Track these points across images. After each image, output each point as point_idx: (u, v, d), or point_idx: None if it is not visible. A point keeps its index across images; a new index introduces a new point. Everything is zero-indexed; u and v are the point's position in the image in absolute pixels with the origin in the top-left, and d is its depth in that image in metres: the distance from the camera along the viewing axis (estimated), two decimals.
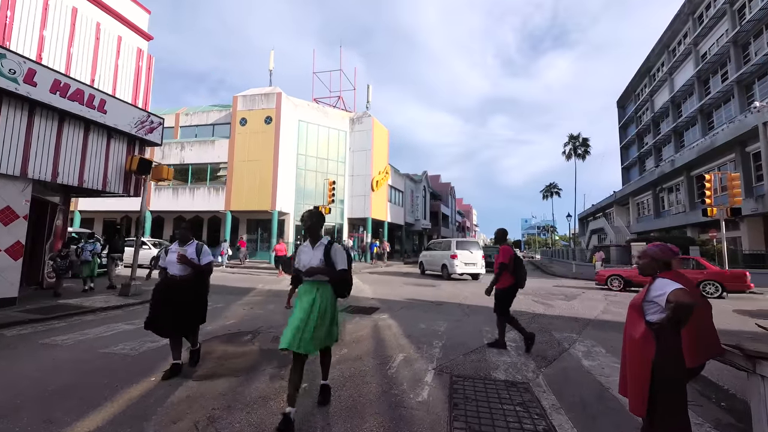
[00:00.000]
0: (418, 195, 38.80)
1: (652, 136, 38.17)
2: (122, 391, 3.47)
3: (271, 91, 23.38)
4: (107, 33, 8.85)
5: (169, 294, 3.94)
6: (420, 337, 5.77)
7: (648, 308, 2.42)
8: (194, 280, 4.05)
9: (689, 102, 31.55)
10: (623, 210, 38.53)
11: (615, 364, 4.66)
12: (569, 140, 43.57)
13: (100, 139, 8.51)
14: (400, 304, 9.05)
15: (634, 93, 44.57)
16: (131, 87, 9.49)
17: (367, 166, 26.89)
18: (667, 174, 26.35)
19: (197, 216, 26.19)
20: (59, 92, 7.39)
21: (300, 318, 2.98)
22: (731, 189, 14.56)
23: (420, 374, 4.15)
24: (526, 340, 5.23)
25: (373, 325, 6.70)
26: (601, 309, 9.16)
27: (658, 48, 36.37)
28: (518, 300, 10.20)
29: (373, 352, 4.99)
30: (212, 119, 25.81)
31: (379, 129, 28.46)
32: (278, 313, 7.51)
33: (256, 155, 22.72)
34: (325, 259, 3.10)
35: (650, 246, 2.67)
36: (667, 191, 28.24)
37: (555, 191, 57.44)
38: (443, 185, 55.58)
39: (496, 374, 4.22)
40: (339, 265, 3.11)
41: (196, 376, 3.91)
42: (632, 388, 2.41)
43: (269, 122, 22.85)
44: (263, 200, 22.25)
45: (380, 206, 28.26)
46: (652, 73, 39.64)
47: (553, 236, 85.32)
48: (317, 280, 3.11)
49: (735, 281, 11.44)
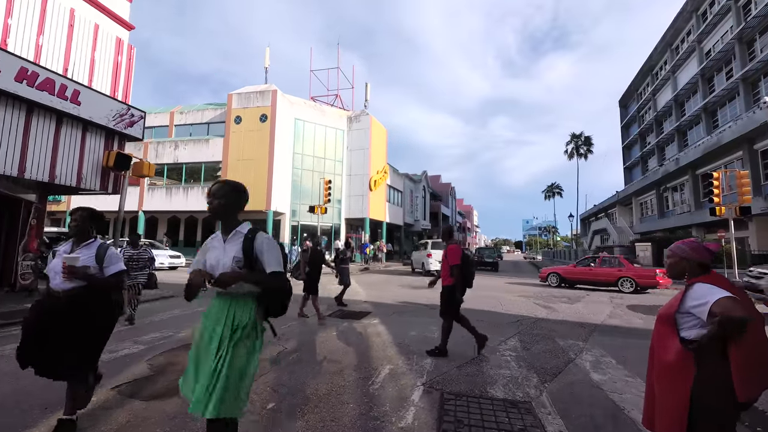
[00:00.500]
0: (417, 195, 38.29)
1: (655, 135, 37.62)
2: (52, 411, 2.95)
3: (266, 89, 22.92)
4: (82, 20, 8.35)
5: (46, 316, 2.60)
6: (410, 346, 5.25)
7: (683, 321, 1.89)
8: (88, 297, 2.64)
9: (693, 100, 31.00)
10: (626, 210, 37.97)
11: (628, 378, 4.14)
12: (571, 139, 42.99)
13: (73, 132, 8.00)
14: (393, 308, 8.53)
15: (636, 92, 44.02)
16: (110, 78, 8.99)
17: (365, 165, 26.39)
18: (671, 173, 25.80)
19: (192, 216, 25.73)
20: (26, 81, 6.89)
21: (193, 358, 2.04)
22: (740, 187, 13.99)
23: (406, 391, 3.63)
24: (478, 341, 4.90)
25: (361, 331, 6.18)
26: (608, 313, 8.62)
27: (661, 46, 35.83)
28: (519, 303, 9.72)
29: (357, 364, 4.47)
30: (207, 118, 25.38)
31: (378, 128, 27.98)
32: None
33: (251, 154, 22.25)
34: (245, 258, 2.01)
35: (678, 243, 2.14)
36: (672, 191, 27.68)
37: (557, 191, 56.83)
38: (443, 185, 55.06)
39: (493, 391, 3.69)
40: (269, 265, 2.02)
41: (145, 396, 3.39)
42: (663, 424, 1.89)
43: (264, 120, 22.38)
44: (258, 200, 21.73)
45: (378, 206, 27.75)
46: (655, 71, 39.08)
47: (554, 237, 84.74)
48: (232, 293, 2.03)
49: (647, 278, 12.79)
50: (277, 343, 5.25)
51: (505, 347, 5.38)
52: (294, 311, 7.58)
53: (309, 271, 7.16)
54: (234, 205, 2.12)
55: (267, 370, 4.11)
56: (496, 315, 7.96)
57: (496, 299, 10.35)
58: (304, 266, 7.23)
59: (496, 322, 7.24)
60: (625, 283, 13.00)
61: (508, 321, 7.34)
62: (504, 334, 6.16)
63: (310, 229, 23.89)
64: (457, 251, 4.91)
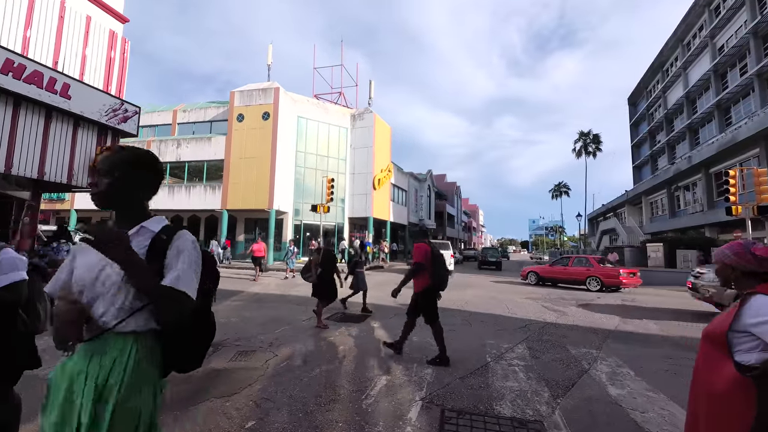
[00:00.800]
0: (422, 194, 37.87)
1: (665, 133, 36.82)
2: None
3: (269, 86, 22.65)
4: (73, 12, 8.08)
5: None
6: (410, 353, 4.88)
7: (739, 342, 1.51)
8: None
9: (705, 97, 30.23)
10: (635, 210, 37.23)
11: (649, 393, 3.75)
12: (579, 137, 42.19)
13: (64, 127, 7.75)
14: (394, 310, 8.17)
15: (645, 89, 43.17)
16: (103, 72, 8.73)
17: (368, 163, 26.03)
18: (683, 171, 25.11)
19: (194, 215, 25.56)
20: (12, 73, 6.64)
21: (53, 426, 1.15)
22: (758, 185, 13.42)
23: (403, 407, 3.27)
24: (441, 354, 4.50)
25: (359, 335, 5.83)
26: (621, 317, 8.19)
27: (672, 42, 35.02)
28: (526, 305, 9.31)
29: (352, 373, 4.12)
30: (210, 116, 25.18)
31: (381, 125, 27.60)
32: (253, 321, 6.67)
33: (253, 152, 21.98)
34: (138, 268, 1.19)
35: (723, 247, 1.76)
36: (684, 189, 26.98)
37: (564, 191, 55.99)
38: (449, 185, 54.54)
39: (500, 407, 3.32)
40: (170, 277, 1.21)
41: None
42: None
43: (267, 118, 22.11)
44: (260, 199, 21.49)
45: (382, 205, 27.39)
46: (666, 68, 38.25)
47: (561, 237, 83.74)
48: (123, 330, 1.21)
49: (611, 278, 13.32)
50: (267, 349, 4.93)
51: (512, 355, 5.00)
52: (292, 313, 7.27)
53: (321, 272, 6.56)
54: (132, 187, 1.32)
55: (253, 381, 3.78)
56: (502, 319, 7.58)
57: (500, 301, 9.97)
58: (315, 267, 6.59)
59: (501, 326, 6.86)
60: (592, 281, 13.67)
61: (515, 326, 6.96)
62: (511, 340, 5.78)
63: (313, 229, 23.61)
64: (423, 249, 4.65)
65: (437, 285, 4.65)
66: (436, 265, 4.63)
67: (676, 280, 15.64)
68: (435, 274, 4.61)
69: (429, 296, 4.63)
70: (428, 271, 4.61)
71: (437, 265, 4.64)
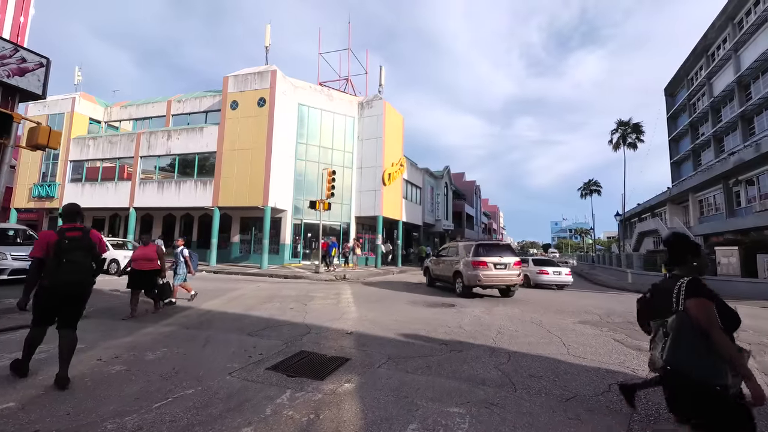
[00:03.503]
0: (438, 192, 34.89)
1: (711, 124, 32.81)
2: None
3: (265, 69, 20.25)
4: None
5: None
6: None
7: None
8: None
9: (762, 81, 26.36)
10: (678, 209, 33.22)
11: None
12: (617, 127, 38.07)
13: None
14: (388, 346, 5.39)
15: (686, 77, 38.99)
16: None
17: (377, 156, 23.28)
18: (746, 162, 21.36)
19: (188, 214, 23.42)
20: None
21: None
22: None
23: None
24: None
25: (310, 416, 3.07)
26: None
27: (720, 21, 31.04)
28: (589, 338, 5.81)
29: None
30: (206, 105, 23.05)
31: (392, 114, 24.82)
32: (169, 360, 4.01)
33: (247, 143, 19.62)
34: None
35: None
36: (746, 184, 23.17)
37: (594, 189, 51.69)
38: (467, 184, 51.28)
39: None
40: None
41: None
42: None
43: (263, 105, 19.71)
44: (254, 195, 19.07)
45: (393, 203, 24.56)
46: (711, 52, 34.18)
47: (586, 239, 78.84)
48: None
49: None
50: None
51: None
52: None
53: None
54: None
55: None
56: (563, 369, 4.64)
57: (547, 330, 6.91)
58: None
59: (568, 387, 3.97)
60: None
61: (593, 389, 4.06)
62: (600, 424, 2.91)
63: (314, 229, 21.01)
64: (45, 239, 3.59)
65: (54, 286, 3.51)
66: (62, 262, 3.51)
67: (761, 293, 12.32)
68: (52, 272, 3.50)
69: (44, 298, 3.56)
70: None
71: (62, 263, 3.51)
